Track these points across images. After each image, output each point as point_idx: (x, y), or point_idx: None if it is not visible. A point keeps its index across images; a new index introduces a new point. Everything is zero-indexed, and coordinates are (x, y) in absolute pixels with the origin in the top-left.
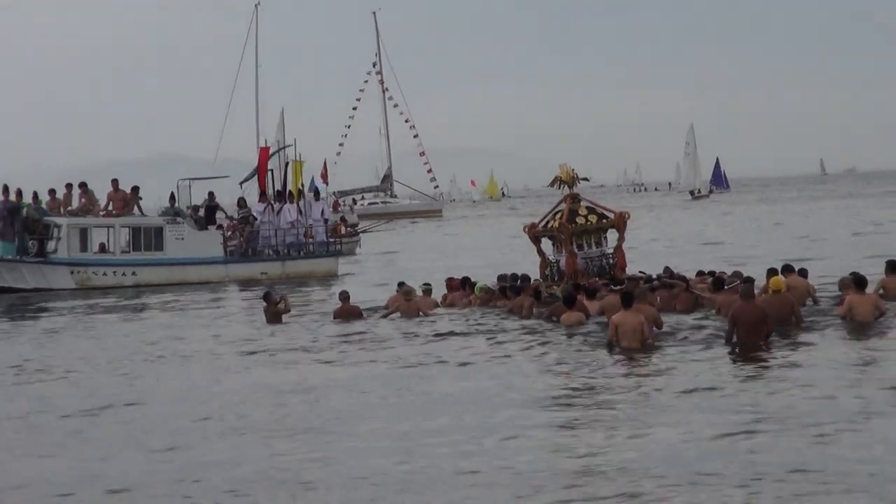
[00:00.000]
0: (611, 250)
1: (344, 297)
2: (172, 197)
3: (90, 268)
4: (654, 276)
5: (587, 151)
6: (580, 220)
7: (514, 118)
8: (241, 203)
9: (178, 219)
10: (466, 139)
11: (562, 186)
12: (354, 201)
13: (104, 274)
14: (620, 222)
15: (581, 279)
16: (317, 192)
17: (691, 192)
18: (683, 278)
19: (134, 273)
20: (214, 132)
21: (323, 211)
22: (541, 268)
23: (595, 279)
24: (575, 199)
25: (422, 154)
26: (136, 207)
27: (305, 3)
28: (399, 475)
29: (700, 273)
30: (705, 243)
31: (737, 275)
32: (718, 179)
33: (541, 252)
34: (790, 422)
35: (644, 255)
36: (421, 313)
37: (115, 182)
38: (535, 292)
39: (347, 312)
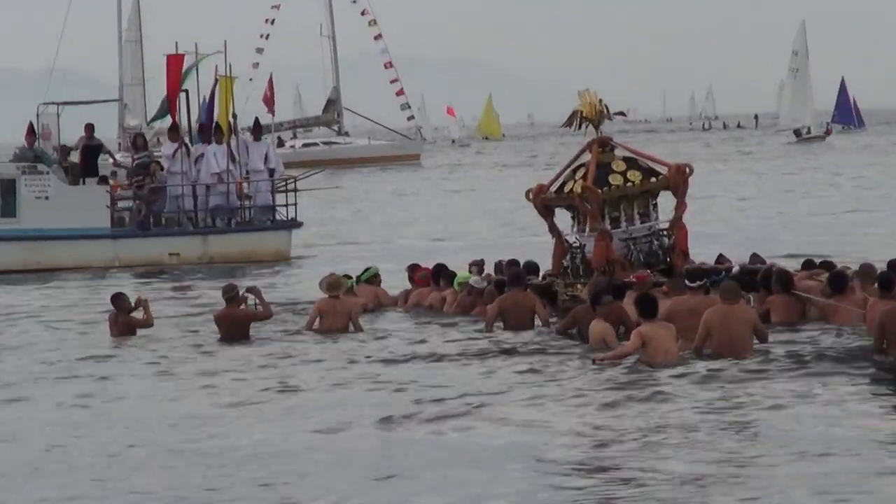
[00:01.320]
0: (665, 224)
1: (230, 294)
2: (31, 131)
3: None
4: (738, 267)
5: (625, 67)
6: (615, 180)
7: (512, 14)
8: (139, 143)
9: (40, 166)
10: (442, 47)
11: (584, 126)
12: (280, 141)
13: None
14: (678, 180)
15: (620, 272)
16: (257, 126)
17: (796, 132)
18: (784, 277)
19: None
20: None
21: (267, 156)
22: (555, 255)
23: (644, 272)
24: (605, 146)
25: (388, 66)
26: None
27: None
28: None
29: (808, 265)
30: (813, 215)
31: (865, 271)
32: (846, 112)
33: (554, 230)
34: None
35: (714, 236)
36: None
37: None
38: (543, 292)
39: (231, 320)
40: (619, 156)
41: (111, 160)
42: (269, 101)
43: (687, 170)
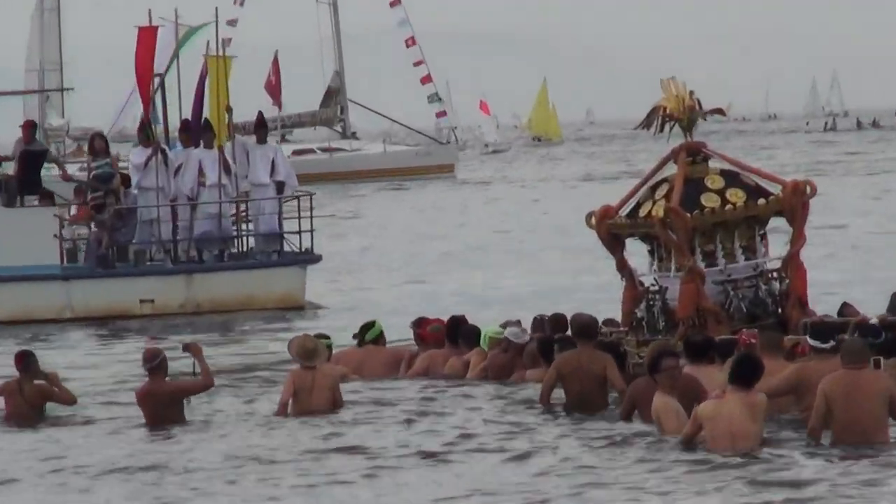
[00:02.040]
0: (776, 263)
1: (153, 362)
2: None
3: None
4: (875, 319)
5: (713, 43)
6: (710, 201)
7: None
8: (97, 146)
9: None
10: (473, 18)
11: (669, 127)
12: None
13: None
14: (795, 203)
15: (714, 326)
16: (261, 124)
17: None
18: None
19: None
20: None
21: (275, 165)
22: (624, 302)
23: (745, 331)
24: (697, 155)
25: (410, 44)
26: None
27: None
28: None
29: None
30: None
31: None
32: None
33: (624, 268)
34: None
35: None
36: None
37: None
38: (608, 349)
39: (155, 399)
40: (715, 169)
41: (59, 171)
42: (275, 89)
43: (808, 189)
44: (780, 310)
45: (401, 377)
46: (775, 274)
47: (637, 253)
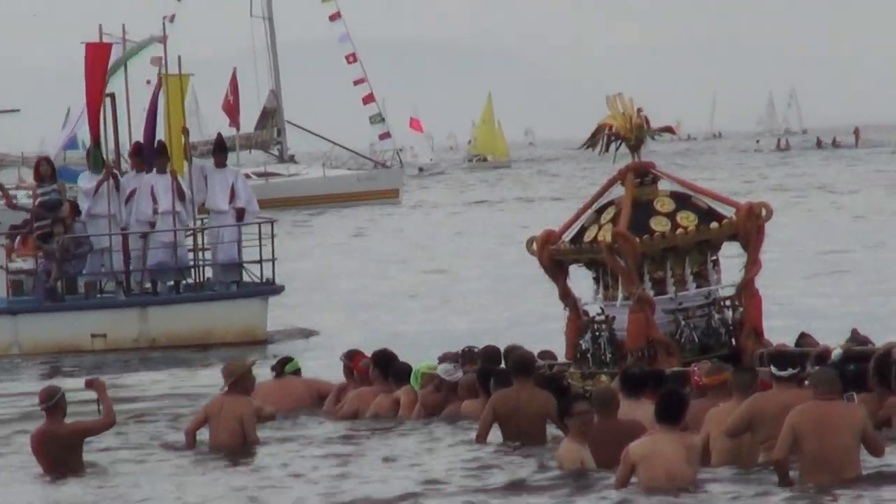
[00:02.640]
0: (730, 289)
1: (50, 401)
2: None
3: None
4: (839, 350)
5: (659, 56)
6: (659, 225)
7: None
8: (43, 171)
9: None
10: (409, 26)
11: (614, 147)
12: None
13: None
14: (750, 226)
15: (664, 358)
16: (220, 146)
17: None
18: None
19: None
20: None
21: (234, 190)
22: (568, 333)
23: (695, 368)
24: (645, 176)
25: (351, 60)
26: None
27: None
28: None
29: None
30: None
31: None
32: None
33: (567, 296)
34: None
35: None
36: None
37: None
38: (549, 383)
39: (52, 442)
40: (664, 191)
41: (3, 199)
42: (233, 110)
43: (763, 212)
44: (733, 340)
45: (325, 412)
46: (728, 302)
47: (582, 281)
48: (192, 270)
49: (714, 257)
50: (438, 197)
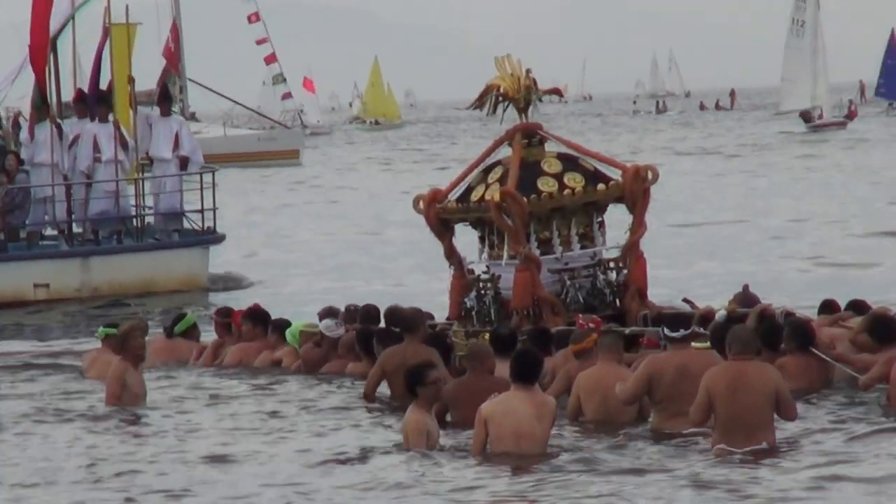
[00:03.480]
0: (615, 251)
1: None
2: None
3: None
4: (723, 311)
5: (541, 23)
6: (546, 186)
7: None
8: None
9: None
10: None
11: (501, 108)
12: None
13: None
14: (636, 189)
15: (550, 317)
16: (164, 95)
17: (805, 116)
18: (802, 327)
19: None
20: None
21: (178, 139)
22: (452, 291)
23: (585, 319)
24: (533, 137)
25: (253, 19)
26: None
27: None
28: None
29: (828, 307)
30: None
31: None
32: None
33: (452, 255)
34: None
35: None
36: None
37: None
38: (434, 345)
39: None
40: (552, 152)
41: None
42: (173, 57)
43: (649, 174)
44: (618, 301)
45: (202, 365)
46: (613, 264)
47: (467, 239)
48: (135, 220)
49: (600, 219)
50: (341, 157)
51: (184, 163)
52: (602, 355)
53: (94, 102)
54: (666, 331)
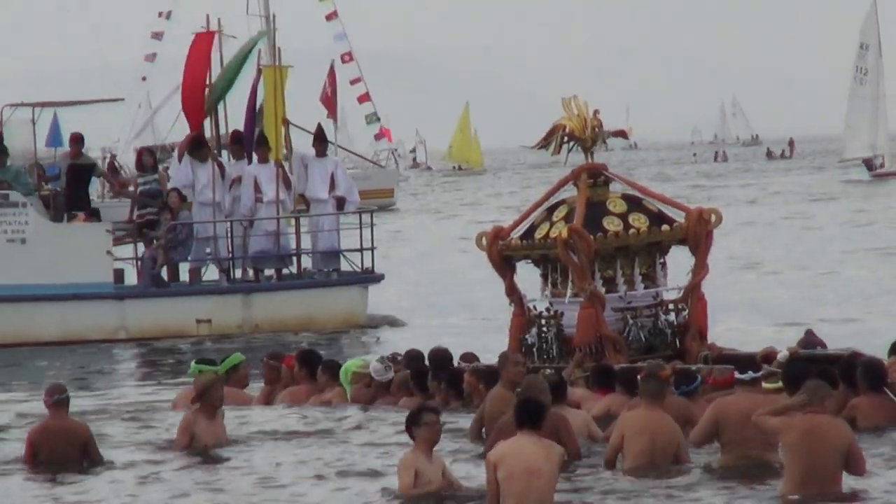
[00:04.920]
0: (676, 292)
1: (56, 398)
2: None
3: None
4: (785, 352)
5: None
6: (611, 225)
7: None
8: (146, 161)
9: (13, 195)
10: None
11: (568, 149)
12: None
13: None
14: (699, 231)
15: (613, 354)
16: (320, 137)
17: (867, 164)
18: (874, 367)
19: None
20: None
21: (334, 179)
22: (512, 328)
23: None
24: (598, 177)
25: (347, 59)
26: None
27: None
28: None
29: None
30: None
31: None
32: None
33: (513, 292)
34: None
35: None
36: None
37: None
38: (490, 378)
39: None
40: (616, 192)
41: (110, 184)
42: (331, 102)
43: (713, 218)
44: (678, 341)
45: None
46: (675, 307)
47: (525, 278)
48: (293, 258)
49: (662, 260)
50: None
51: (340, 203)
52: (645, 400)
53: (254, 143)
54: (737, 374)
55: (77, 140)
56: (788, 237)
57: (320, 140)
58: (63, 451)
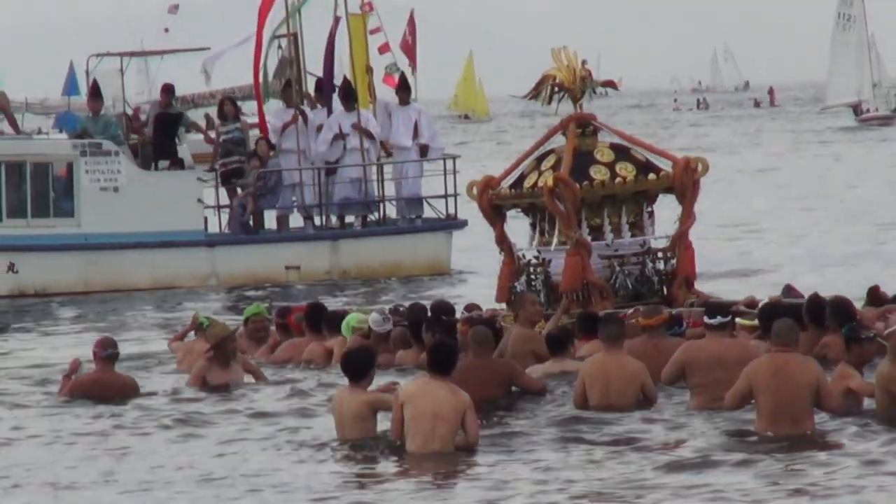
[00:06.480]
0: (663, 240)
1: (109, 352)
2: (96, 92)
3: None
4: (766, 299)
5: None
6: (599, 174)
7: None
8: (227, 110)
9: (107, 144)
10: None
11: (558, 98)
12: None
13: None
14: (686, 180)
15: (598, 301)
16: (404, 84)
17: (855, 109)
18: (845, 307)
19: (12, 268)
20: None
21: (418, 127)
22: (502, 276)
23: (628, 310)
24: (586, 127)
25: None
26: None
27: None
28: None
29: (875, 297)
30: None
31: None
32: None
33: (503, 240)
34: None
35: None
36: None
37: None
38: (485, 326)
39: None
40: (604, 142)
41: (202, 135)
42: (410, 49)
43: (699, 166)
44: (665, 289)
45: (259, 357)
46: (662, 253)
47: (517, 225)
48: (378, 205)
49: (649, 208)
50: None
51: (424, 150)
52: (606, 344)
53: (331, 91)
54: (705, 318)
55: (167, 90)
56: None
57: (403, 88)
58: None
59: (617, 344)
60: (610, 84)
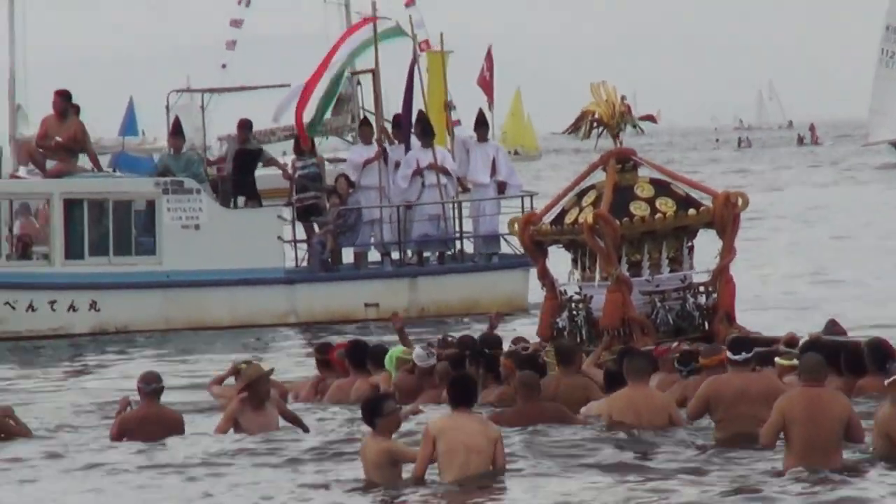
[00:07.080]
0: (704, 275)
1: (153, 386)
2: (178, 130)
3: None
4: (807, 337)
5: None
6: (638, 210)
7: None
8: (301, 146)
9: (188, 182)
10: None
11: (597, 133)
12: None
13: (28, 307)
14: (726, 215)
15: (640, 337)
16: (482, 122)
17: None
18: (883, 349)
19: (94, 305)
20: None
21: (496, 164)
22: (544, 312)
23: (667, 345)
24: (626, 162)
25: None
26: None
27: None
28: None
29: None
30: None
31: None
32: None
33: (545, 276)
34: None
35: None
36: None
37: (61, 97)
38: (526, 363)
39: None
40: (644, 177)
41: (282, 170)
42: (488, 85)
43: (739, 201)
44: (706, 324)
45: (301, 401)
46: (703, 288)
47: (558, 262)
48: (455, 242)
49: (690, 244)
50: None
51: (501, 187)
52: (631, 378)
53: (409, 127)
54: (728, 354)
55: (245, 126)
56: None
57: (481, 125)
58: (159, 438)
59: (643, 378)
60: (649, 118)
